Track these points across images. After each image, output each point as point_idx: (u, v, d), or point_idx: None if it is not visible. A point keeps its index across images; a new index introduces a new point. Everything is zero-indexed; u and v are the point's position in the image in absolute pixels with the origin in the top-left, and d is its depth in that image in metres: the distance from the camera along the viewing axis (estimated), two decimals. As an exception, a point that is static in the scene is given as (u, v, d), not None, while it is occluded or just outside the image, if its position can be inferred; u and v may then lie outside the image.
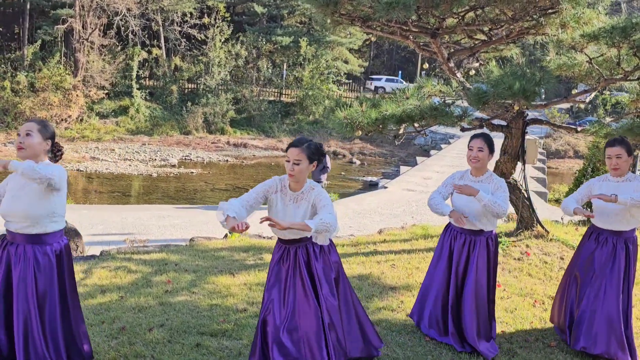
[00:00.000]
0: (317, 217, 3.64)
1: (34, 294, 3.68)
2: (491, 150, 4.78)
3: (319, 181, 13.44)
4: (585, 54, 7.14)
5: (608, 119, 7.85)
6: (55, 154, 3.93)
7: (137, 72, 32.96)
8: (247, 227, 3.45)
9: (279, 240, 4.04)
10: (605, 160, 4.85)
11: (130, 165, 23.86)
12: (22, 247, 3.70)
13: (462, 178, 4.88)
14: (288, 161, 3.78)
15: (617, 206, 4.67)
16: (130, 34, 33.29)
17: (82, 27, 30.98)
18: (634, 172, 9.65)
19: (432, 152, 28.35)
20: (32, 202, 3.64)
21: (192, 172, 23.11)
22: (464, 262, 4.80)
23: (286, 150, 3.83)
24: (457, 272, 4.81)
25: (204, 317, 5.21)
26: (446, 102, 6.81)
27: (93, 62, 31.35)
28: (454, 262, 4.83)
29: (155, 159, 25.58)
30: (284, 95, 37.44)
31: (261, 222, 3.50)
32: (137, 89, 32.23)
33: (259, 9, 39.34)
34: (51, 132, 3.80)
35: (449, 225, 5.00)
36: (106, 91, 31.72)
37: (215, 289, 5.98)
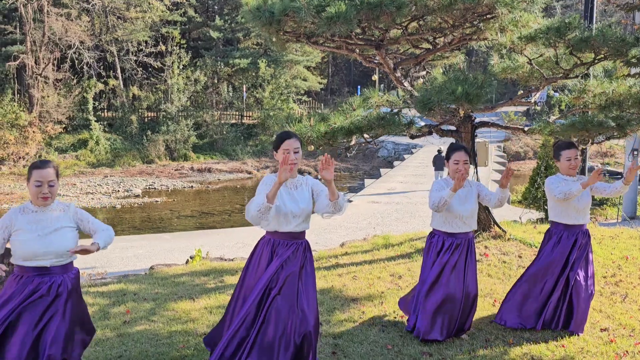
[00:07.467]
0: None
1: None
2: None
3: None
4: (526, 56, 7.33)
5: (553, 117, 8.04)
6: None
7: (94, 104, 32.57)
8: None
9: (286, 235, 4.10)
10: (561, 161, 5.13)
11: (92, 198, 23.45)
12: (57, 278, 3.82)
13: (448, 185, 4.99)
14: (287, 151, 4.05)
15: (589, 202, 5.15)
16: (85, 67, 32.91)
17: (35, 63, 30.52)
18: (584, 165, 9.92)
19: (396, 163, 28.57)
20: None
21: (156, 201, 22.83)
22: (463, 263, 4.99)
23: (279, 144, 4.10)
24: (464, 276, 5.00)
25: (163, 344, 5.12)
26: (393, 111, 6.89)
27: (48, 97, 30.86)
28: (458, 266, 4.97)
29: (119, 190, 25.22)
30: (245, 118, 37.43)
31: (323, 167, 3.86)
32: (95, 121, 31.81)
33: (214, 34, 39.33)
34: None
35: (433, 234, 5.12)
36: (64, 125, 31.23)
37: (175, 315, 5.90)
